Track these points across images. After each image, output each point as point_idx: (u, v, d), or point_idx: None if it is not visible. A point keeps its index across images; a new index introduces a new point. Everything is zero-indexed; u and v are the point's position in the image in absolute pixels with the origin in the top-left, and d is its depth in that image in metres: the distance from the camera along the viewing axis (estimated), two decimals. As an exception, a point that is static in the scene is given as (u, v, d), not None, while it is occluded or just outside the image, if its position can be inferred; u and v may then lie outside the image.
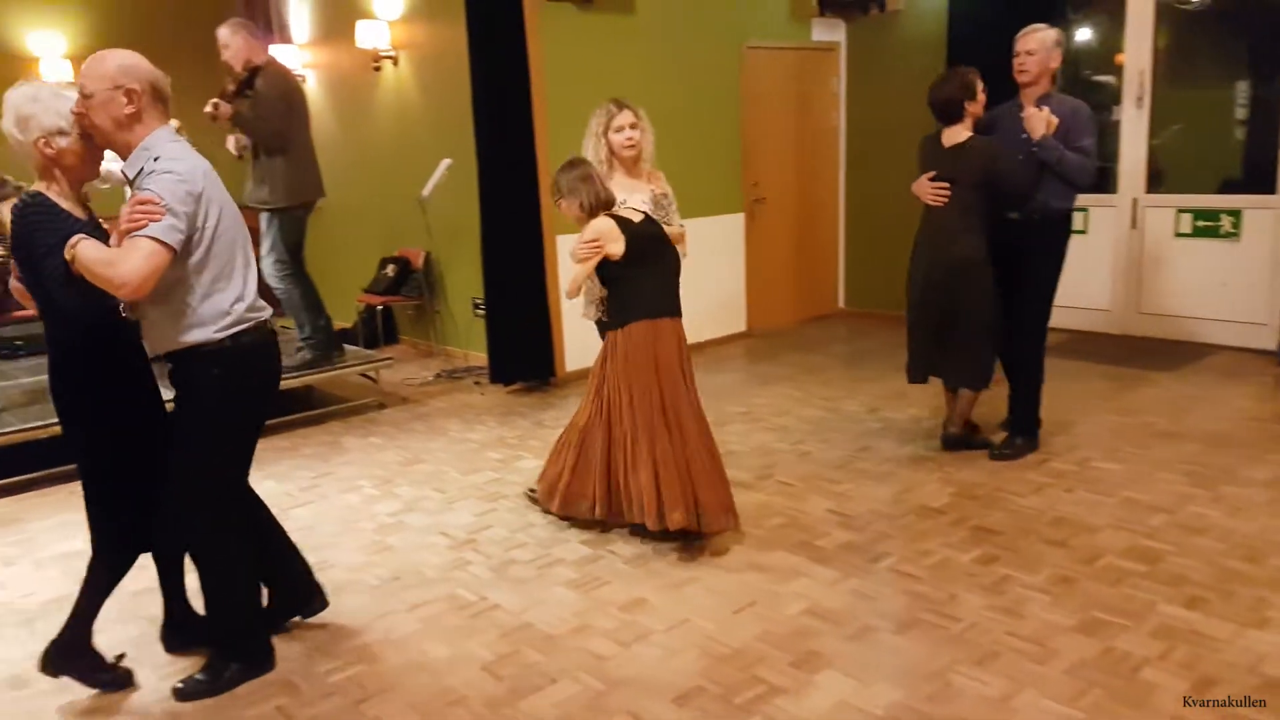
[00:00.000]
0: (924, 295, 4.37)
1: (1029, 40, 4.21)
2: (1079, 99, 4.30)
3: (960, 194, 4.22)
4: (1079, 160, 4.11)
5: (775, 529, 3.76)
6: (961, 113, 4.20)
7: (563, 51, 5.84)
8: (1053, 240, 4.29)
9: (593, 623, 3.10)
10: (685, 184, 6.54)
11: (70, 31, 8.01)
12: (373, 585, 3.45)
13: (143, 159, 2.56)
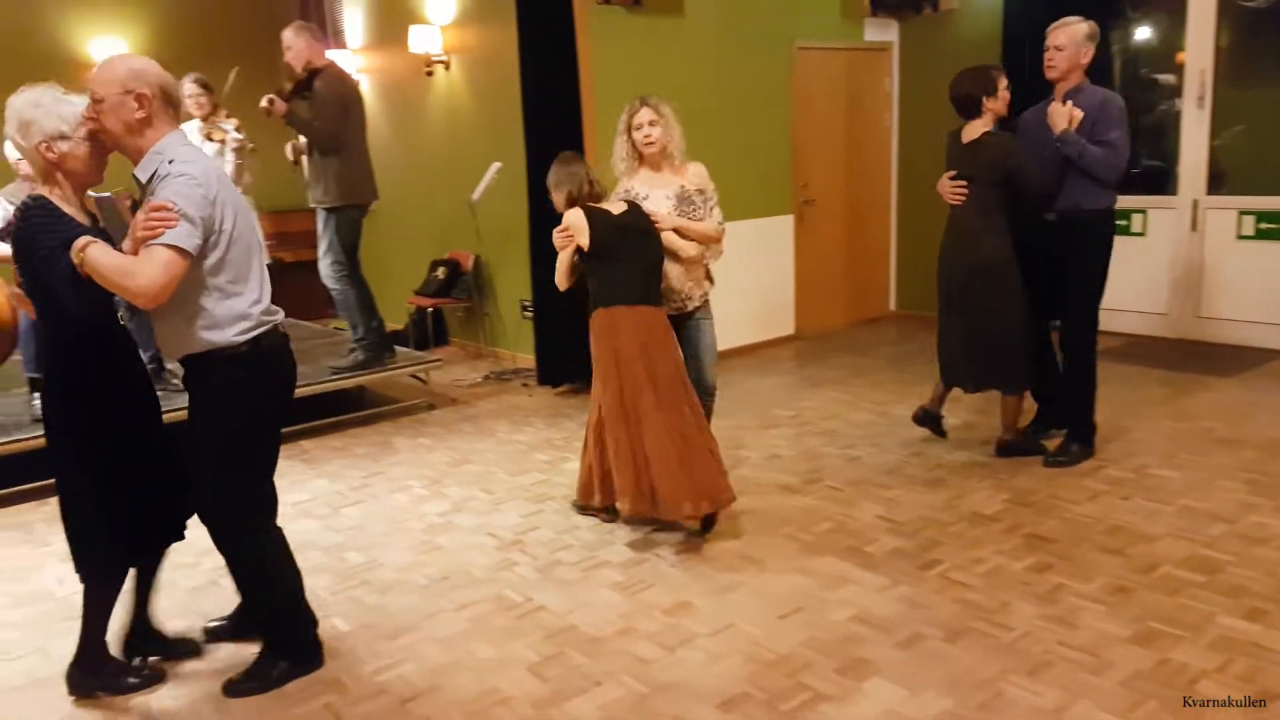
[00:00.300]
0: (948, 297, 4.32)
1: (1058, 35, 4.09)
2: (1116, 92, 4.14)
3: (978, 192, 4.14)
4: (1101, 154, 3.97)
5: (823, 534, 3.72)
6: (980, 108, 4.13)
7: (612, 54, 5.85)
8: (1090, 243, 4.14)
9: (637, 625, 3.09)
10: (734, 185, 6.56)
11: (130, 36, 8.22)
12: (421, 585, 3.48)
13: (155, 162, 2.57)
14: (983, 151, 4.11)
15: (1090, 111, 4.00)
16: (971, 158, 4.15)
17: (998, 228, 4.15)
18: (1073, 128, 3.99)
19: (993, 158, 4.08)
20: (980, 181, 4.13)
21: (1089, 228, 4.13)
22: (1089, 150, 3.97)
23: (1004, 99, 4.13)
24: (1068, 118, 3.99)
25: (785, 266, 7.04)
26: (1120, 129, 4.01)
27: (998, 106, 4.14)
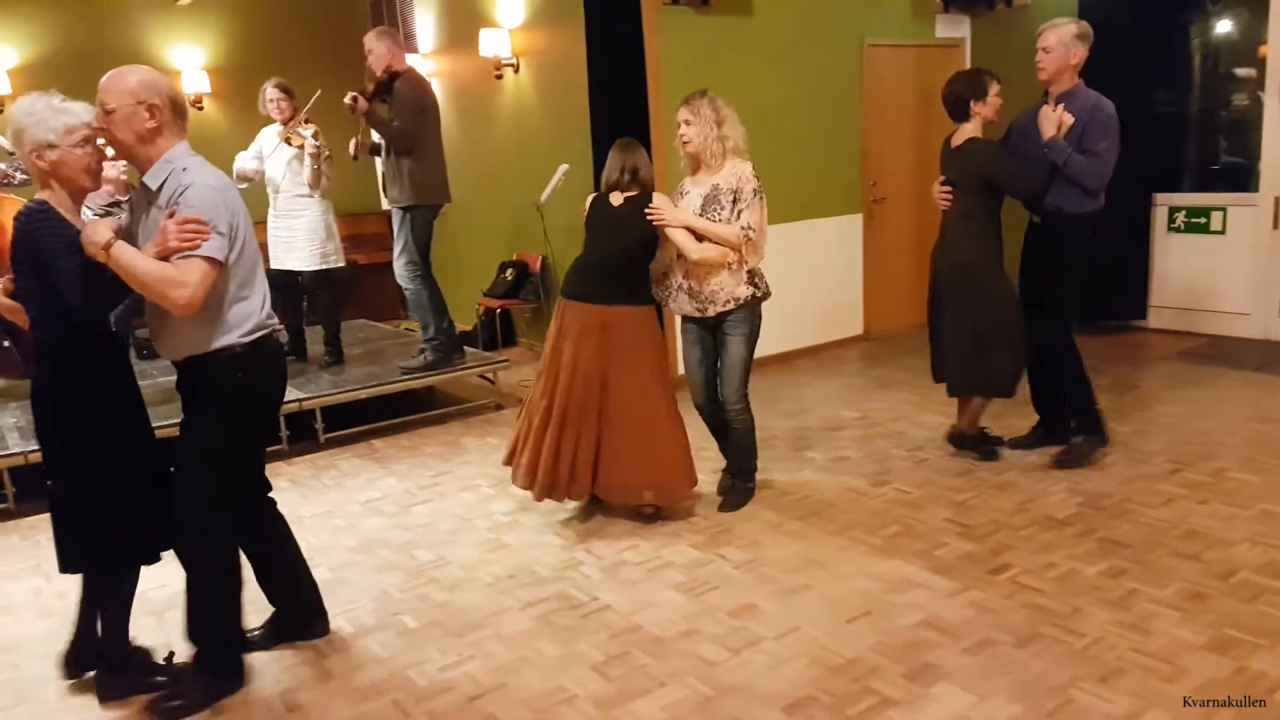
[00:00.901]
0: (935, 300, 4.30)
1: (1046, 36, 4.02)
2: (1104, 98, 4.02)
3: (961, 197, 4.11)
4: (1086, 163, 3.91)
5: (891, 537, 3.67)
6: (968, 112, 4.07)
7: (680, 54, 5.85)
8: (1069, 248, 4.08)
9: (702, 627, 3.09)
10: (802, 184, 6.53)
11: (208, 44, 8.49)
12: (487, 582, 3.53)
13: (166, 170, 2.62)
14: (966, 157, 4.07)
15: (1080, 117, 3.93)
16: (956, 163, 4.13)
17: (979, 233, 4.11)
18: (1062, 134, 3.92)
19: (973, 163, 4.04)
20: (963, 187, 4.10)
21: (1070, 231, 4.07)
22: (1075, 159, 3.91)
23: (993, 104, 4.07)
24: (1056, 123, 3.93)
25: (854, 266, 6.96)
26: (1108, 139, 3.93)
27: (986, 111, 4.07)
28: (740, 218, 3.68)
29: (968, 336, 4.14)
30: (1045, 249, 4.16)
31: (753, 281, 3.78)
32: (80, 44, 7.86)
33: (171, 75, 8.30)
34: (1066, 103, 3.99)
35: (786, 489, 4.24)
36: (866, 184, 6.90)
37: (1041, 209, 4.14)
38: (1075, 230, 4.06)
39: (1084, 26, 4.04)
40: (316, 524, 4.22)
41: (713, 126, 3.70)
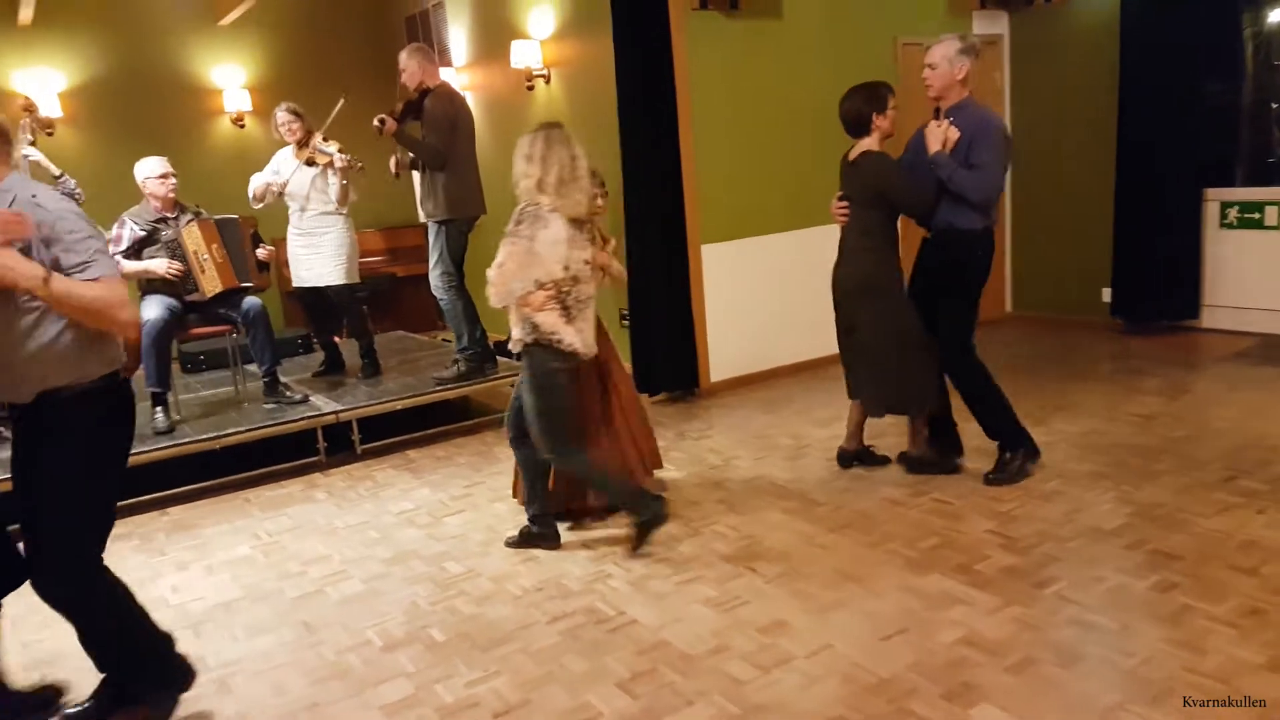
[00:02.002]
0: (839, 320, 4.27)
1: (931, 53, 4.00)
2: (993, 112, 4.03)
3: (858, 213, 4.08)
4: (970, 178, 3.83)
5: (930, 550, 3.55)
6: (868, 127, 3.99)
7: (710, 60, 5.79)
8: (960, 263, 4.01)
9: (731, 644, 3.00)
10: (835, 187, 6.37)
11: (249, 63, 8.61)
12: (516, 595, 3.48)
13: (3, 201, 2.45)
14: (859, 172, 4.02)
15: (966, 132, 3.86)
16: (852, 178, 4.08)
17: (874, 248, 4.07)
18: (947, 149, 3.87)
19: (867, 178, 3.99)
20: (859, 202, 4.05)
21: (960, 248, 4.00)
22: (959, 173, 3.85)
23: (892, 117, 4.00)
24: (941, 138, 3.88)
25: (893, 269, 6.82)
26: (993, 153, 3.84)
27: (885, 125, 4.00)
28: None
29: (880, 352, 4.11)
30: (935, 266, 4.09)
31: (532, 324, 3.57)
32: (127, 66, 8.03)
33: (214, 94, 8.45)
34: (954, 117, 3.93)
35: (820, 500, 4.14)
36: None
37: (929, 225, 4.07)
38: (965, 247, 4.00)
39: (970, 42, 4.01)
40: (351, 535, 4.22)
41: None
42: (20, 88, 7.52)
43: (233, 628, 3.44)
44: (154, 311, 5.07)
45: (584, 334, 3.64)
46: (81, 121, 7.91)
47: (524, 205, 3.55)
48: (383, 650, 3.18)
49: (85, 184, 5.77)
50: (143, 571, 4.00)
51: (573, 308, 3.59)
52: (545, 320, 3.55)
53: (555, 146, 3.53)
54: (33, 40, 7.65)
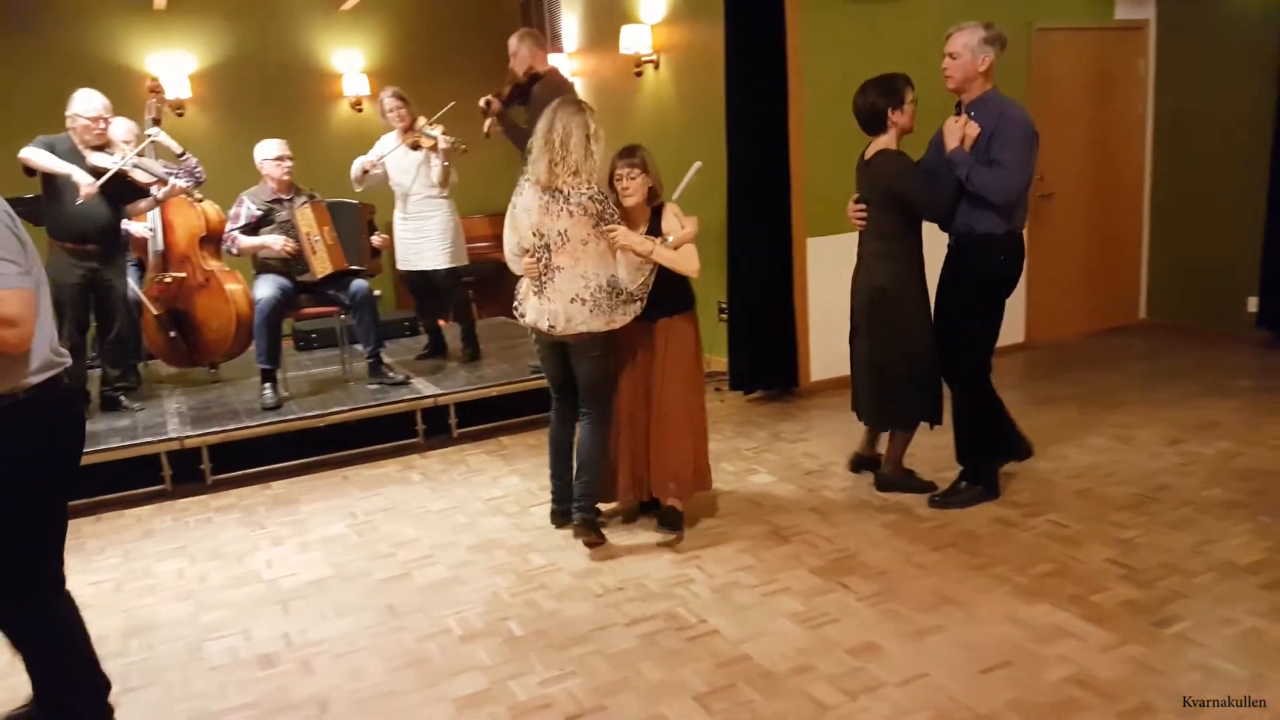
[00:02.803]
0: (854, 325, 4.05)
1: (952, 42, 3.71)
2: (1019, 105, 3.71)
3: (874, 215, 3.84)
4: (988, 176, 3.57)
5: (1041, 577, 3.29)
6: (885, 123, 3.75)
7: (824, 46, 5.55)
8: (979, 270, 3.75)
9: (817, 664, 2.84)
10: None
11: (367, 49, 8.77)
12: (596, 594, 3.40)
13: None
14: (874, 171, 3.78)
15: (988, 127, 3.60)
16: (867, 178, 3.84)
17: (892, 254, 3.84)
18: (966, 145, 3.61)
19: (881, 178, 3.75)
20: (875, 204, 3.82)
21: (979, 254, 3.73)
22: (977, 171, 3.59)
23: (909, 112, 3.75)
24: (959, 135, 3.62)
25: (1014, 269, 6.45)
26: (1017, 150, 3.57)
27: (903, 121, 3.75)
28: None
29: (881, 366, 3.91)
30: (956, 274, 3.85)
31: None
32: (253, 50, 8.28)
33: (334, 78, 8.65)
34: (975, 112, 3.67)
35: (923, 515, 3.91)
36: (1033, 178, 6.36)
37: (950, 229, 3.81)
38: (985, 253, 3.72)
39: (995, 30, 3.70)
40: (441, 520, 4.22)
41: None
42: (154, 70, 7.84)
43: (321, 607, 3.46)
44: (266, 290, 5.20)
45: (546, 307, 3.61)
46: (208, 103, 8.21)
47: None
48: (461, 640, 3.14)
49: (210, 164, 5.95)
50: (242, 545, 4.09)
51: (543, 275, 3.60)
52: (520, 288, 3.76)
53: (544, 117, 3.66)
54: (167, 24, 7.97)
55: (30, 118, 5.37)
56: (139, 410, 5.27)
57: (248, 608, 3.48)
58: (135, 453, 4.70)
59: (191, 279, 5.75)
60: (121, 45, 7.87)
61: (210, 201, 5.87)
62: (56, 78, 7.20)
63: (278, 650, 3.15)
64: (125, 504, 4.64)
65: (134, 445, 4.70)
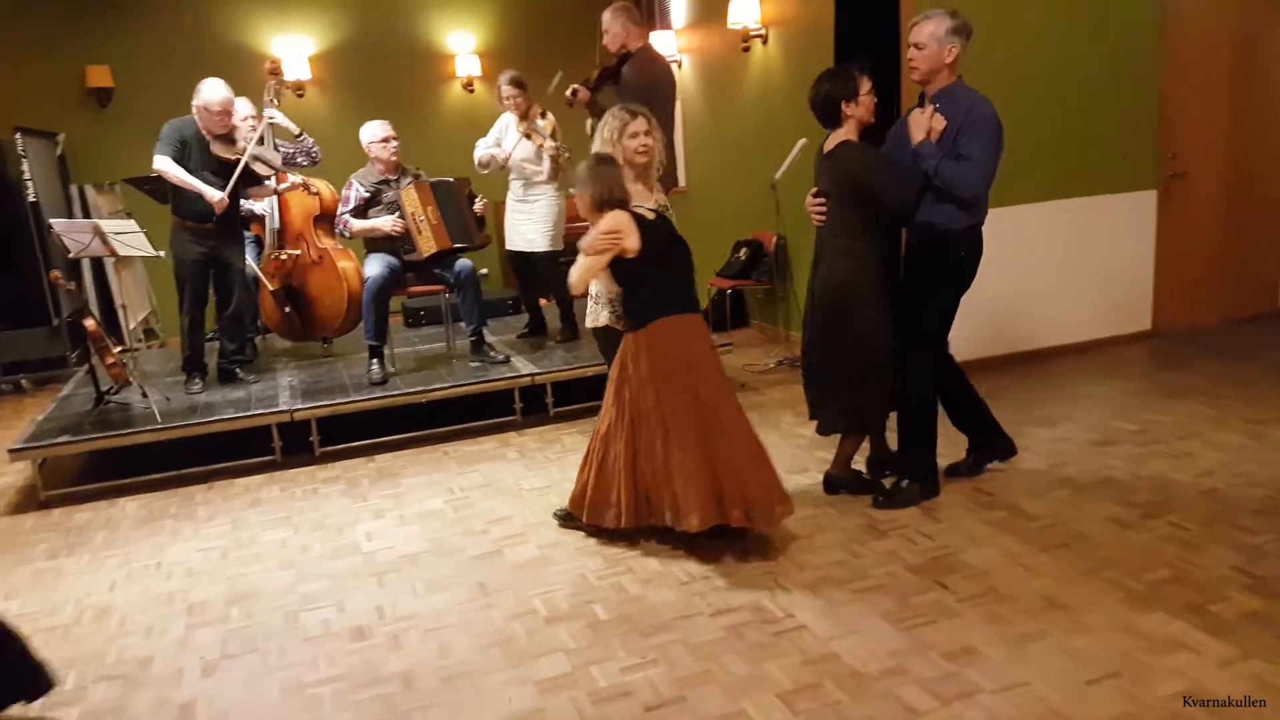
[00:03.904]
0: (808, 323, 3.85)
1: (918, 31, 3.55)
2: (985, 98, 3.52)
3: (836, 210, 3.64)
4: (956, 170, 3.44)
5: (1157, 584, 3.08)
6: (839, 115, 3.58)
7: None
8: (939, 266, 3.64)
9: (909, 667, 2.72)
10: (1080, 155, 5.75)
11: (479, 30, 8.86)
12: (682, 580, 3.35)
13: None
14: (836, 164, 3.60)
15: (955, 120, 3.46)
16: (828, 171, 3.64)
17: (854, 251, 3.64)
18: (932, 138, 3.47)
19: (845, 170, 3.57)
20: (837, 198, 3.63)
21: (940, 249, 3.62)
22: (945, 165, 3.46)
23: (866, 104, 3.59)
24: (926, 127, 3.48)
25: (1143, 250, 6.06)
26: (983, 142, 3.44)
27: (860, 112, 3.59)
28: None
29: (838, 367, 3.73)
30: (914, 270, 3.73)
31: None
32: (370, 32, 8.49)
33: (448, 59, 8.78)
34: (941, 104, 3.52)
35: (1032, 513, 3.70)
36: (1164, 155, 5.96)
37: (911, 223, 3.67)
38: (946, 248, 3.61)
39: (961, 20, 3.53)
40: (535, 499, 4.24)
41: (661, 145, 3.73)
42: (275, 52, 8.11)
43: (414, 581, 3.52)
44: (375, 269, 5.32)
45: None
46: (327, 84, 8.45)
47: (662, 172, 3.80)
48: (546, 621, 3.15)
49: (327, 144, 6.13)
50: (344, 517, 4.20)
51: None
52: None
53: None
54: (289, 7, 8.24)
55: (157, 99, 5.63)
56: (254, 383, 5.48)
57: (345, 579, 3.57)
58: (248, 424, 4.88)
59: (306, 257, 5.94)
60: (245, 28, 8.17)
61: (325, 181, 6.04)
62: (183, 60, 7.56)
63: (370, 623, 3.21)
64: (237, 473, 4.84)
65: (247, 417, 4.89)
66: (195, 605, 3.42)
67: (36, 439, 4.65)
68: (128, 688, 2.90)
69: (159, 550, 3.95)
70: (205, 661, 3.03)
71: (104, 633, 3.26)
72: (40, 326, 7.06)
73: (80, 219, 6.27)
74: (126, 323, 7.44)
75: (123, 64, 7.71)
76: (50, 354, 7.11)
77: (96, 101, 7.81)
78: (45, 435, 4.69)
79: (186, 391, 5.29)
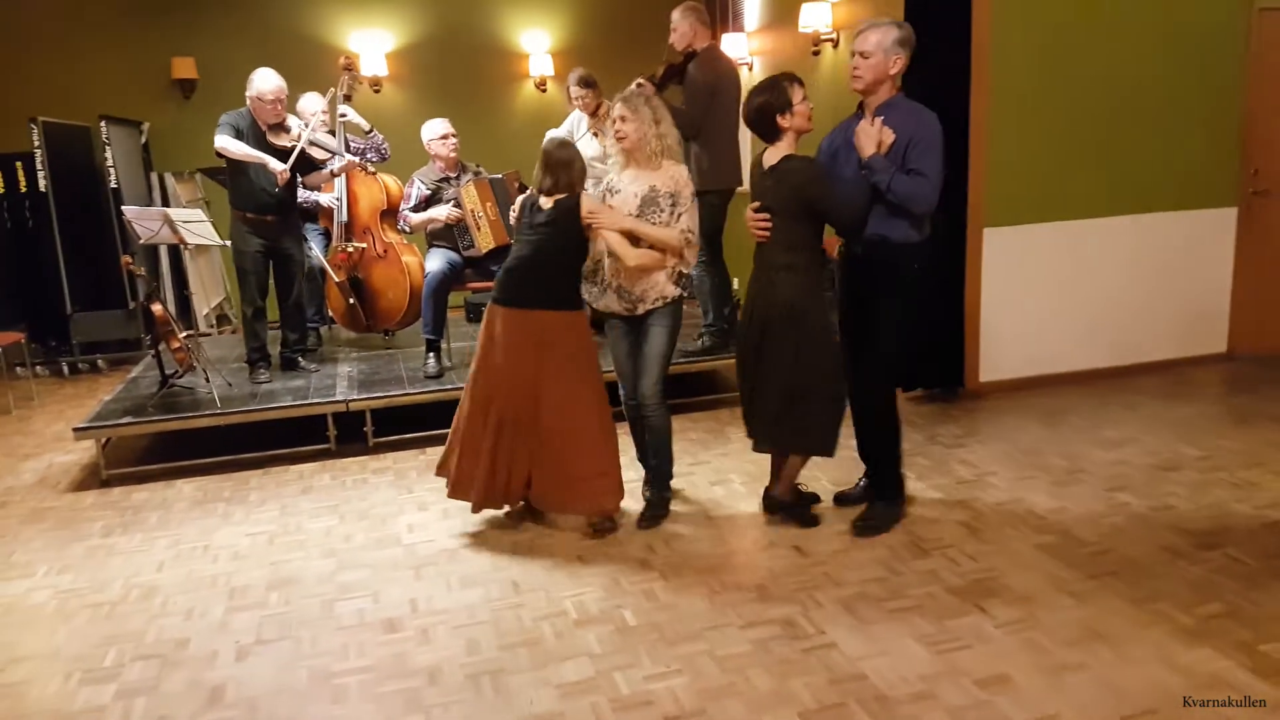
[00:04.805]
0: (750, 343, 3.66)
1: (864, 40, 3.42)
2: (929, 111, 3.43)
3: (782, 225, 3.49)
4: (911, 184, 3.34)
5: (1209, 619, 2.94)
6: (776, 128, 3.44)
7: (1015, 26, 5.14)
8: (895, 281, 3.52)
9: (939, 692, 2.65)
10: (1157, 170, 5.54)
11: (553, 29, 8.90)
12: (714, 590, 3.31)
13: None
14: (782, 178, 3.44)
15: (903, 133, 3.35)
16: (772, 186, 3.48)
17: (801, 267, 3.51)
18: (882, 151, 3.35)
19: (792, 185, 3.42)
20: (783, 213, 3.47)
21: (895, 266, 3.51)
22: (899, 179, 3.34)
23: (802, 112, 3.45)
24: (875, 139, 3.36)
25: (1220, 270, 5.81)
26: (933, 156, 3.36)
27: (797, 122, 3.45)
28: (680, 221, 3.68)
29: (785, 386, 3.57)
30: (866, 286, 3.58)
31: (679, 282, 3.77)
32: (446, 29, 8.60)
33: (522, 58, 8.84)
34: (886, 116, 3.40)
35: (1084, 538, 3.58)
36: (1246, 171, 5.70)
37: (860, 239, 3.52)
38: (901, 265, 3.50)
39: (907, 30, 3.42)
40: (575, 500, 4.24)
41: (651, 125, 3.67)
42: (354, 47, 8.28)
43: (449, 576, 3.55)
44: (435, 264, 5.40)
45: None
46: (403, 81, 8.59)
47: (683, 171, 3.76)
48: (575, 624, 3.14)
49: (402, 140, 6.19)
50: (389, 508, 4.26)
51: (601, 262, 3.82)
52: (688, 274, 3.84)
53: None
54: (369, 2, 8.39)
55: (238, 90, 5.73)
56: (314, 371, 5.60)
57: (383, 570, 3.62)
58: (304, 412, 4.99)
59: (371, 250, 6.04)
60: (325, 22, 8.36)
61: (393, 176, 6.14)
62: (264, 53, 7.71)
63: (402, 616, 3.25)
64: (292, 460, 4.94)
65: (304, 405, 4.99)
66: (237, 589, 3.51)
67: (101, 419, 4.83)
68: (163, 668, 2.98)
69: (208, 533, 4.05)
70: (240, 645, 3.10)
71: (147, 612, 3.36)
72: (117, 309, 7.33)
73: (150, 207, 6.47)
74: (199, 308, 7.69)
75: (207, 56, 7.96)
76: (126, 336, 7.38)
77: (180, 92, 8.08)
78: (110, 416, 4.87)
79: (252, 380, 5.41)
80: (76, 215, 7.18)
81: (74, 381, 7.08)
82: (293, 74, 5.50)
